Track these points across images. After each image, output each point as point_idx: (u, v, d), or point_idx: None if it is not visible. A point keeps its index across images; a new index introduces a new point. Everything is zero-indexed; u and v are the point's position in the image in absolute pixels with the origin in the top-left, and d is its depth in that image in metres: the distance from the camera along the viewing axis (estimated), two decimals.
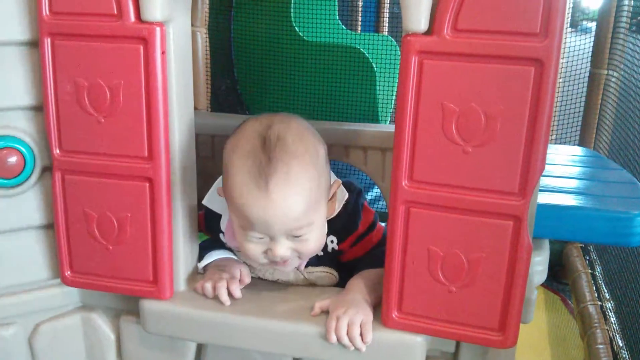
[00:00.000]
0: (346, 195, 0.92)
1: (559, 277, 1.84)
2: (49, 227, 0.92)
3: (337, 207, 0.91)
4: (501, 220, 0.75)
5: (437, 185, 0.76)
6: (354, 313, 0.81)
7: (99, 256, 0.89)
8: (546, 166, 0.74)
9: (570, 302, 1.71)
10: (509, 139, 0.73)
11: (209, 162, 1.55)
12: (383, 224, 1.62)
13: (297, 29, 1.85)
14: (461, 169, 0.75)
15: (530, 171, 0.73)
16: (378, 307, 0.84)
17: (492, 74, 0.71)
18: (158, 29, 0.78)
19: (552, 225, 0.97)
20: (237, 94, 2.06)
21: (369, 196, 2.08)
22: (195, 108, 1.68)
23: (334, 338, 0.81)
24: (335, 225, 0.91)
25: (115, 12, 0.78)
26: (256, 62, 1.90)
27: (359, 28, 2.59)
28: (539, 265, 0.92)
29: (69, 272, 0.91)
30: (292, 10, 1.83)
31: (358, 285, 0.87)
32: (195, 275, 0.94)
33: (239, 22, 1.86)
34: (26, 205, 0.90)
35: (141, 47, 0.78)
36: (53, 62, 0.81)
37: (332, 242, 0.93)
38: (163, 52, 0.79)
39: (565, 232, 1.01)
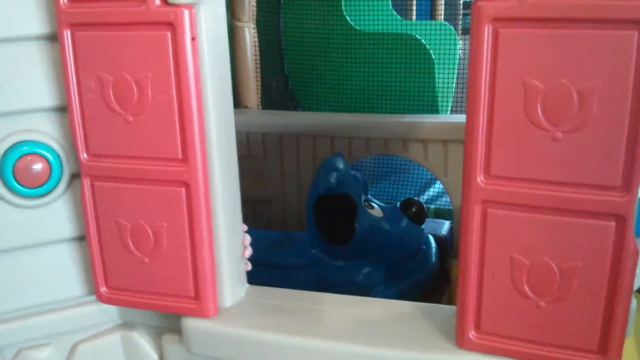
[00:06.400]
0: None
1: None
2: (82, 239, 0.84)
3: None
4: (601, 220, 0.62)
5: (520, 180, 0.63)
6: None
7: (134, 270, 0.80)
8: None
9: None
10: (608, 121, 0.59)
11: (260, 161, 1.49)
12: (448, 222, 1.50)
13: (348, 19, 1.75)
14: (550, 160, 0.62)
15: (636, 160, 0.59)
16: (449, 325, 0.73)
17: (585, 43, 0.58)
18: (187, 11, 0.68)
19: None
20: (289, 90, 1.99)
21: (430, 193, 1.95)
22: (246, 106, 1.62)
23: None
24: None
25: None
26: (307, 56, 1.81)
27: (414, 16, 2.47)
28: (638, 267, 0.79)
29: (104, 289, 0.83)
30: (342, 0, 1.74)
31: None
32: (244, 288, 0.84)
33: (288, 15, 1.78)
34: (56, 216, 0.82)
35: (169, 34, 0.69)
36: (74, 56, 0.73)
37: None
38: (193, 39, 0.69)
39: None
